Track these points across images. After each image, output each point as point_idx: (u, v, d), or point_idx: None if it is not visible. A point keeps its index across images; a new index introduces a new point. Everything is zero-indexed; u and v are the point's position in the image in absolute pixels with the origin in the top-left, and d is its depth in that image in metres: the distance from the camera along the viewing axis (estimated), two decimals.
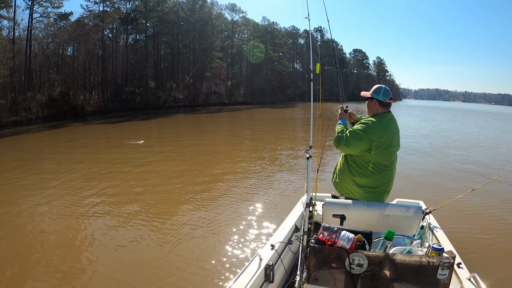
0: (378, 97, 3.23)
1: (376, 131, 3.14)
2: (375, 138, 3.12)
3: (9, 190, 8.85)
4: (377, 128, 3.16)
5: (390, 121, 3.27)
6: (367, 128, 3.15)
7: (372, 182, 3.26)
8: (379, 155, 3.18)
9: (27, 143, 18.47)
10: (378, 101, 3.24)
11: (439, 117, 42.60)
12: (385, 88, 3.26)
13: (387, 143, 3.18)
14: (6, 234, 5.98)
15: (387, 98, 3.23)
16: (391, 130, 3.24)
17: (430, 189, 8.54)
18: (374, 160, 3.21)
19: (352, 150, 3.23)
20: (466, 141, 18.99)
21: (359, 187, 3.30)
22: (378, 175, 3.24)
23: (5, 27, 32.72)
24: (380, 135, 3.14)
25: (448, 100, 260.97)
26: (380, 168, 3.23)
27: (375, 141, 3.12)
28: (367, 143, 3.13)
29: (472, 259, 4.66)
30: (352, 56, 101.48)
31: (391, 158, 3.28)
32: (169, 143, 16.76)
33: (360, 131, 3.16)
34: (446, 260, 2.03)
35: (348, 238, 2.23)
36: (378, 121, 3.20)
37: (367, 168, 3.25)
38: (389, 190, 3.38)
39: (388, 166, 3.27)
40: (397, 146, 3.34)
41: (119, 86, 40.55)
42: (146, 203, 7.39)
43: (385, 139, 3.16)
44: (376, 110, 3.29)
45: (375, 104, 3.27)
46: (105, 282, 4.39)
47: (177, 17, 48.42)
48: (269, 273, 2.64)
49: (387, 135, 3.19)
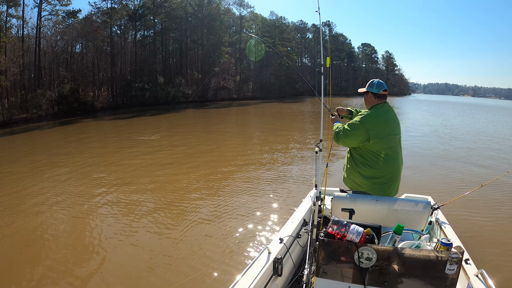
0: (372, 89, 3.37)
1: (372, 120, 3.24)
2: (371, 127, 3.20)
3: (25, 183, 8.86)
4: (373, 117, 3.26)
5: (386, 111, 3.35)
6: (363, 118, 3.26)
7: (378, 172, 3.28)
8: (379, 143, 3.23)
9: (40, 139, 18.58)
10: (373, 93, 3.37)
11: (448, 111, 42.48)
12: (378, 81, 3.39)
13: (385, 131, 3.25)
14: (16, 228, 5.97)
15: (381, 89, 3.35)
16: (388, 118, 3.33)
17: (438, 184, 8.44)
18: (376, 149, 3.26)
19: (351, 141, 3.30)
20: (474, 135, 18.84)
21: (366, 179, 3.32)
22: (383, 164, 3.27)
23: (14, 25, 33.01)
24: (376, 123, 3.23)
25: (457, 94, 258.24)
26: (384, 157, 3.27)
27: (372, 130, 3.19)
28: (365, 133, 3.20)
29: (480, 255, 4.60)
30: (360, 50, 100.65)
31: (393, 146, 3.32)
32: (180, 138, 16.74)
33: (357, 121, 3.26)
34: (455, 255, 2.03)
35: (357, 232, 2.24)
36: (374, 111, 3.32)
37: (371, 158, 3.29)
38: (396, 180, 3.38)
39: (391, 154, 3.29)
40: (398, 134, 3.39)
41: (128, 82, 40.62)
42: (156, 197, 7.44)
43: (382, 127, 3.24)
44: (372, 102, 3.40)
45: (370, 96, 3.40)
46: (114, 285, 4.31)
47: (185, 13, 48.25)
48: (277, 267, 2.68)
49: (384, 124, 3.27)
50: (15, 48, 30.39)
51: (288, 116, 28.91)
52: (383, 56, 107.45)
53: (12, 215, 6.59)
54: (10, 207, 7.08)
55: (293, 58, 69.12)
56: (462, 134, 19.01)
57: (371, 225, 2.42)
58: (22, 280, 4.39)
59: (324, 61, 3.31)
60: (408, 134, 17.30)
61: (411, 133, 17.97)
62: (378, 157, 3.25)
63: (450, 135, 18.48)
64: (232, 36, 57.02)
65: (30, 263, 4.74)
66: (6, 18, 30.95)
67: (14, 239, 5.57)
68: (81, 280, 4.34)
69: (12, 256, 4.99)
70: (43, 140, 17.83)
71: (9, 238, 5.61)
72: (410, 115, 33.15)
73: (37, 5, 33.58)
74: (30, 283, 4.33)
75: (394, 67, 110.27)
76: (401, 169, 3.42)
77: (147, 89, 40.59)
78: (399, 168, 3.37)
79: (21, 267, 4.67)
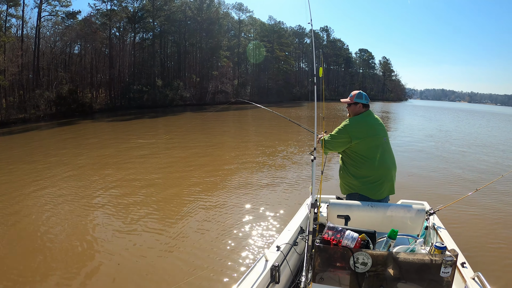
0: (362, 101, 3.59)
1: (352, 125, 3.49)
2: (352, 129, 3.44)
3: (23, 182, 8.88)
4: (354, 121, 3.52)
5: (367, 115, 3.59)
6: (345, 124, 3.53)
7: (367, 171, 3.41)
8: (362, 143, 3.41)
9: (39, 139, 18.54)
10: (362, 104, 3.60)
11: (444, 117, 42.71)
12: (364, 93, 3.64)
13: (367, 132, 3.44)
14: (15, 228, 6.01)
15: (368, 101, 3.63)
16: (369, 121, 3.54)
17: (434, 189, 8.51)
18: (360, 149, 3.42)
19: (336, 145, 3.50)
20: (469, 140, 18.99)
21: (356, 179, 3.45)
22: (369, 164, 3.40)
23: (14, 25, 33.01)
24: (356, 126, 3.47)
25: (454, 100, 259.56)
26: (370, 156, 3.40)
27: (353, 132, 3.42)
28: (347, 136, 3.42)
29: (477, 259, 4.68)
30: (358, 55, 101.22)
31: (378, 146, 3.44)
32: (176, 141, 16.75)
33: (339, 128, 3.54)
34: (449, 258, 2.07)
35: (352, 237, 2.28)
36: (354, 117, 3.58)
37: (358, 159, 3.44)
38: (387, 180, 3.44)
39: (377, 154, 3.41)
40: (382, 135, 3.53)
41: (127, 84, 40.60)
42: (151, 203, 7.36)
43: (364, 129, 3.45)
44: (359, 111, 3.61)
45: (360, 107, 3.60)
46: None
47: (184, 16, 48.41)
48: (275, 274, 2.70)
49: (365, 125, 3.49)
50: (14, 48, 30.36)
51: (285, 121, 28.81)
52: (380, 62, 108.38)
53: (13, 214, 6.66)
54: (9, 206, 7.13)
55: (291, 63, 69.38)
56: (457, 139, 19.15)
57: (366, 231, 2.48)
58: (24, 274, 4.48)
59: (317, 71, 3.32)
60: (403, 140, 17.46)
61: (406, 139, 18.10)
62: (364, 158, 3.40)
63: (445, 140, 18.60)
64: (231, 40, 57.17)
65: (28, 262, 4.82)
66: (6, 17, 30.97)
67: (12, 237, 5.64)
68: (76, 280, 4.40)
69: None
70: (41, 140, 17.81)
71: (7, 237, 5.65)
72: (406, 121, 33.31)
73: (37, 5, 33.65)
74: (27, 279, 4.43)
75: (391, 73, 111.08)
76: (392, 170, 3.49)
77: (146, 91, 40.62)
78: (388, 168, 3.45)
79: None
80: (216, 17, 51.12)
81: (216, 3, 52.72)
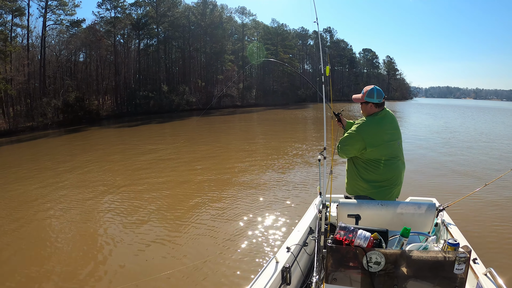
0: (373, 100, 3.24)
1: (367, 129, 3.20)
2: (366, 135, 3.17)
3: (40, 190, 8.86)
4: (369, 126, 3.22)
5: (383, 118, 3.28)
6: (359, 127, 3.22)
7: (379, 176, 3.26)
8: (377, 151, 3.20)
9: (48, 146, 18.54)
10: (374, 103, 3.26)
11: (449, 114, 42.65)
12: (377, 89, 3.25)
13: (382, 138, 3.21)
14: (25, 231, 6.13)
15: (381, 98, 3.25)
16: (385, 126, 3.27)
17: (442, 186, 8.44)
18: (374, 156, 3.22)
19: (350, 151, 3.29)
20: (475, 136, 18.92)
21: (366, 182, 3.30)
22: (383, 170, 3.24)
23: (19, 35, 33.26)
24: (371, 132, 3.19)
25: (459, 97, 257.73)
26: (384, 163, 3.23)
27: (368, 138, 3.16)
28: (361, 141, 3.18)
29: (488, 254, 4.63)
30: (362, 55, 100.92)
31: (393, 152, 3.27)
32: (187, 144, 16.71)
33: (353, 131, 3.24)
34: (462, 255, 2.03)
35: (365, 236, 2.25)
36: (370, 120, 3.26)
37: (371, 165, 3.26)
38: (397, 184, 3.34)
39: (392, 160, 3.26)
40: (397, 139, 3.33)
41: (133, 91, 40.74)
42: (161, 205, 7.41)
43: (379, 135, 3.20)
44: (371, 111, 3.30)
45: (371, 106, 3.28)
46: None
47: (188, 22, 48.58)
48: (286, 276, 2.70)
49: (381, 131, 3.22)
50: (20, 57, 30.58)
51: (291, 123, 28.84)
52: (384, 61, 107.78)
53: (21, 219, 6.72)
54: (20, 211, 7.18)
55: (295, 65, 69.32)
56: (463, 135, 19.08)
57: (378, 230, 2.44)
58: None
59: (324, 70, 3.31)
60: (410, 137, 17.30)
61: (413, 136, 18.01)
62: (378, 164, 3.23)
63: (451, 136, 18.55)
64: (235, 44, 57.25)
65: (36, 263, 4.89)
66: (11, 27, 31.28)
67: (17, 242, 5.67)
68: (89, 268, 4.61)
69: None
70: (50, 147, 17.84)
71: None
72: (412, 119, 33.21)
73: (42, 15, 33.93)
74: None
75: (395, 72, 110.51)
76: (402, 174, 3.39)
77: (152, 97, 40.70)
78: (400, 173, 3.35)
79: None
80: (219, 21, 51.28)
81: (219, 7, 52.95)
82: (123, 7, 42.40)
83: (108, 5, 41.07)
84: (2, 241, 5.80)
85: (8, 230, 6.25)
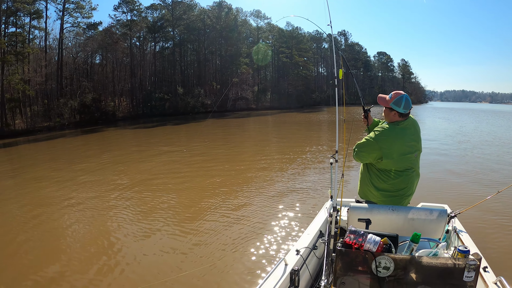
0: (399, 109, 3.02)
1: (386, 140, 3.02)
2: (384, 146, 3.00)
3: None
4: (388, 136, 3.03)
5: (405, 129, 3.07)
6: (377, 135, 3.05)
7: (391, 186, 3.15)
8: (393, 163, 3.05)
9: (65, 147, 18.52)
10: (399, 113, 3.04)
11: (464, 118, 42.15)
12: (406, 98, 3.02)
13: (401, 151, 3.02)
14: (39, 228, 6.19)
15: (408, 109, 3.04)
16: (405, 137, 3.06)
17: (455, 192, 8.23)
18: (390, 167, 3.09)
19: (365, 158, 3.16)
20: (490, 141, 18.30)
21: (377, 190, 3.20)
22: (397, 180, 3.11)
23: (37, 37, 33.68)
24: (390, 143, 3.01)
25: (474, 101, 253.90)
26: (399, 173, 3.10)
27: (385, 149, 3.00)
28: (378, 151, 3.02)
29: (499, 263, 4.52)
30: (376, 59, 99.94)
31: (409, 164, 3.10)
32: (200, 149, 16.43)
33: (370, 138, 3.07)
34: (472, 262, 2.00)
35: (374, 241, 2.20)
36: (391, 129, 3.05)
37: (385, 174, 3.14)
38: (409, 194, 3.22)
39: (407, 171, 3.11)
40: (416, 151, 3.14)
41: (148, 93, 41.01)
42: (173, 206, 7.43)
43: (397, 147, 3.01)
44: (394, 119, 3.10)
45: (395, 115, 3.07)
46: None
47: (203, 25, 48.67)
48: (294, 278, 2.63)
49: (399, 144, 3.02)
50: (38, 58, 30.92)
51: (306, 125, 28.72)
52: (399, 64, 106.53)
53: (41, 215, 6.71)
54: (40, 208, 7.25)
55: (310, 68, 68.99)
56: (478, 140, 18.56)
57: (388, 234, 2.37)
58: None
59: (337, 73, 3.28)
60: (424, 142, 16.70)
61: (427, 141, 17.36)
62: (393, 174, 3.10)
63: (465, 141, 18.08)
64: (250, 47, 57.20)
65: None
66: (29, 29, 31.69)
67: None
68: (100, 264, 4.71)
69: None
70: (67, 147, 17.83)
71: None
72: (427, 123, 32.75)
73: (59, 18, 34.35)
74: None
75: (410, 75, 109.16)
76: (415, 184, 3.25)
77: (167, 99, 40.78)
78: (413, 183, 3.20)
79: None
80: (234, 24, 51.31)
81: (234, 10, 53.00)
82: (139, 10, 42.87)
83: (124, 8, 41.55)
84: (23, 236, 5.85)
85: (28, 227, 6.25)
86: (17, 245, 5.53)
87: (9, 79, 24.93)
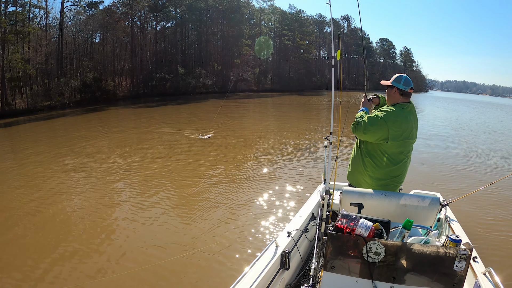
0: (398, 85, 3.07)
1: (395, 121, 3.00)
2: (393, 127, 2.99)
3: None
4: (397, 118, 3.01)
5: (410, 112, 3.11)
6: (387, 116, 3.01)
7: (385, 173, 3.16)
8: (395, 146, 3.06)
9: (74, 124, 18.52)
10: (398, 89, 3.09)
11: (463, 108, 42.69)
12: (406, 77, 3.11)
13: (405, 134, 3.04)
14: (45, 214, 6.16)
15: (408, 87, 3.08)
16: (411, 121, 3.09)
17: (448, 181, 8.36)
18: (389, 151, 3.09)
19: (369, 137, 3.11)
20: (485, 133, 18.60)
21: (372, 179, 3.21)
22: (392, 167, 3.12)
23: (37, 16, 33.22)
24: (399, 125, 3.00)
25: (475, 93, 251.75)
26: (395, 159, 3.11)
27: (394, 131, 2.99)
28: (385, 132, 3.00)
29: (488, 253, 4.65)
30: (378, 45, 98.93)
31: (406, 150, 3.15)
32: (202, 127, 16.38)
33: (379, 117, 3.02)
34: (463, 252, 2.02)
35: (366, 226, 2.21)
36: (399, 111, 3.05)
37: (381, 159, 3.12)
38: (400, 182, 3.27)
39: (403, 158, 3.14)
40: (414, 138, 3.19)
41: (149, 72, 40.77)
42: (169, 187, 7.49)
43: (404, 130, 3.03)
44: (396, 99, 3.13)
45: (395, 93, 3.11)
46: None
47: (205, 5, 48.06)
48: (285, 260, 2.70)
49: (406, 127, 3.04)
50: (38, 37, 30.58)
51: (305, 108, 29.02)
52: (401, 52, 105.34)
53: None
54: (38, 191, 7.28)
55: (312, 52, 68.45)
56: (473, 132, 18.76)
57: (380, 220, 2.39)
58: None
59: (335, 53, 3.23)
60: (421, 129, 16.75)
61: (423, 129, 17.64)
62: (389, 159, 3.10)
63: (461, 131, 18.26)
64: (252, 29, 56.59)
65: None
66: (29, 8, 31.24)
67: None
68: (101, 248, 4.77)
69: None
70: (68, 126, 17.89)
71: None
72: (426, 111, 33.15)
73: None
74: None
75: (412, 63, 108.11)
76: (407, 171, 3.29)
77: (168, 79, 40.65)
78: (406, 170, 3.25)
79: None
80: (237, 5, 50.67)
81: None
82: None
83: None
84: (22, 222, 5.84)
85: (25, 212, 6.25)
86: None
87: (10, 59, 24.70)
